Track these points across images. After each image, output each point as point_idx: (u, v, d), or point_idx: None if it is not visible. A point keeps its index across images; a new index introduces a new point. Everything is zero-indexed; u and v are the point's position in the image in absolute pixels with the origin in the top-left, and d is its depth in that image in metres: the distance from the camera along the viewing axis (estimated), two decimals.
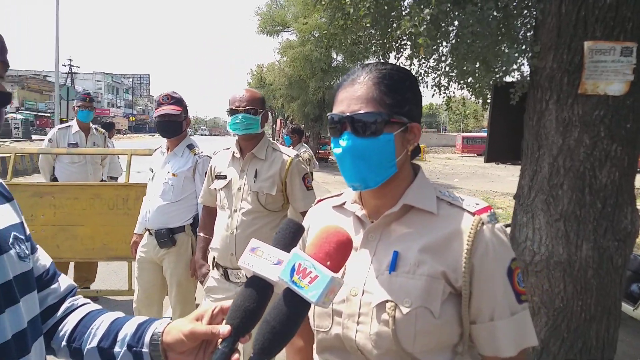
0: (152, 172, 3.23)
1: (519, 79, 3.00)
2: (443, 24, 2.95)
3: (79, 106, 5.05)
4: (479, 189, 15.83)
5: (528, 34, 3.05)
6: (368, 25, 3.15)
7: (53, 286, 0.99)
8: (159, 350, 0.89)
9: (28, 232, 0.94)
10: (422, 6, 2.91)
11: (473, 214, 1.01)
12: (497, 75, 3.01)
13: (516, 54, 2.79)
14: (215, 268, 2.57)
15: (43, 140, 5.60)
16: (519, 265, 1.03)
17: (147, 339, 0.90)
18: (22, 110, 46.74)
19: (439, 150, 46.42)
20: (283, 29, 32.20)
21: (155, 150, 3.37)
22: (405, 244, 1.02)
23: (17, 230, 0.88)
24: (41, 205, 4.23)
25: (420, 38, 2.63)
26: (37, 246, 0.99)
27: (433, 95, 4.68)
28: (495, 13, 2.89)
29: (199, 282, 2.90)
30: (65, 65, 46.91)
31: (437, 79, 4.10)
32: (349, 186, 1.09)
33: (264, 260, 0.85)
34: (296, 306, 0.81)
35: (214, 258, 2.57)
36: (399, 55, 4.18)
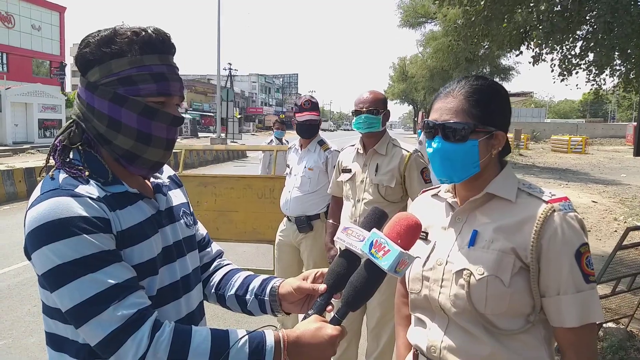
0: (289, 167, 3.69)
1: None
2: (572, 14, 2.84)
3: None
4: None
5: None
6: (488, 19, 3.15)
7: (207, 250, 1.38)
8: (276, 299, 1.21)
9: (192, 209, 1.32)
10: None
11: (547, 202, 1.15)
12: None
13: None
14: None
15: (208, 137, 6.85)
16: (589, 250, 1.13)
17: (268, 290, 1.23)
18: (190, 110, 53.24)
19: (605, 142, 40.99)
20: (426, 20, 31.43)
21: (290, 148, 3.83)
22: (484, 225, 1.21)
23: (185, 207, 1.27)
24: (205, 193, 5.02)
25: (534, 32, 2.59)
26: (197, 220, 1.37)
27: (577, 85, 4.33)
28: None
29: (329, 263, 3.27)
30: (225, 69, 52.11)
31: (567, 66, 3.84)
32: (437, 179, 1.28)
33: (353, 237, 1.11)
34: (373, 272, 1.05)
35: None
36: (530, 44, 3.99)
